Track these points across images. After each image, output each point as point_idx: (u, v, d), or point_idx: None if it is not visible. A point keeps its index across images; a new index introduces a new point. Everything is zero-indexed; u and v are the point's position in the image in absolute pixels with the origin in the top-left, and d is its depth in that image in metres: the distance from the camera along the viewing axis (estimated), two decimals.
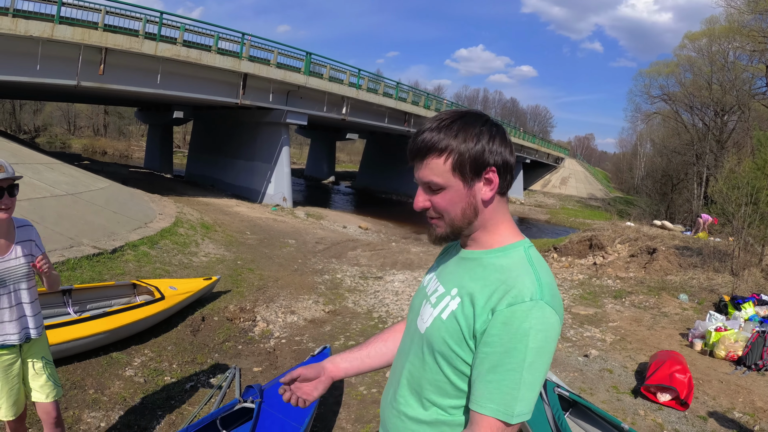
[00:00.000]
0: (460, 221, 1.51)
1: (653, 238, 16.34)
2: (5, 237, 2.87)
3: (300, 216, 20.52)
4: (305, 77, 23.20)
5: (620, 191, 70.02)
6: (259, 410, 3.58)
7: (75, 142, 53.50)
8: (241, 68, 20.40)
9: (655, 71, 43.76)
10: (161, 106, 30.30)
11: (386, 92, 30.07)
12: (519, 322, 1.34)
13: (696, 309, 9.91)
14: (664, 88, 42.32)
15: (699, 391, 6.01)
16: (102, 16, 16.61)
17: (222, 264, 10.18)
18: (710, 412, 5.51)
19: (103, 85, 17.26)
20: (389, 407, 1.67)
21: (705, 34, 36.80)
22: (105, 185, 13.28)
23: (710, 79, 35.93)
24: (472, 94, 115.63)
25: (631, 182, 65.44)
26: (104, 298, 6.40)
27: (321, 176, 48.07)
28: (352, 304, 8.92)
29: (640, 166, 62.25)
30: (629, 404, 5.60)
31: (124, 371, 5.23)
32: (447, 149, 1.44)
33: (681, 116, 40.94)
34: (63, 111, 59.32)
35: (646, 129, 56.44)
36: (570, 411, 4.64)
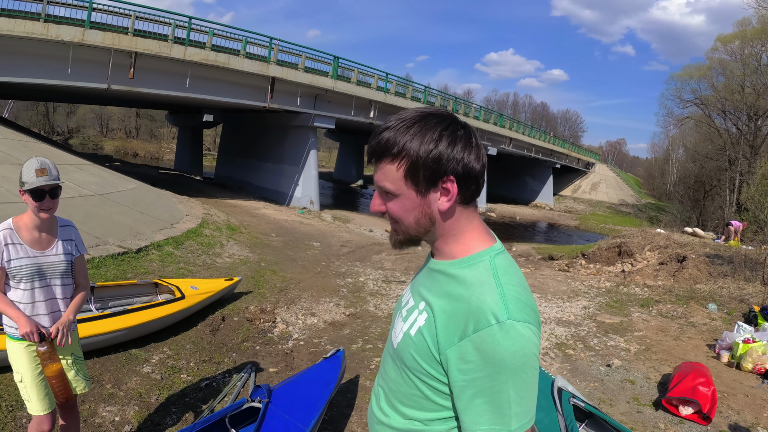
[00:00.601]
0: (414, 230, 1.43)
1: (683, 245, 16.04)
2: (48, 233, 3.04)
3: (326, 219, 20.58)
4: (333, 81, 23.31)
5: (652, 197, 68.92)
6: (266, 410, 3.58)
7: (107, 144, 54.61)
8: (269, 72, 20.59)
9: (687, 75, 42.97)
10: (191, 109, 30.74)
11: (414, 96, 30.07)
12: (491, 348, 1.27)
13: (725, 319, 9.67)
14: (696, 92, 41.53)
15: (723, 404, 5.84)
16: (132, 21, 16.94)
17: (245, 265, 10.25)
18: (733, 427, 5.35)
19: (133, 88, 17.58)
20: (373, 416, 1.64)
21: (737, 36, 36.11)
22: (133, 186, 13.47)
23: (743, 83, 35.20)
24: (501, 99, 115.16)
25: (662, 188, 64.36)
26: (126, 296, 6.49)
27: (349, 180, 48.22)
28: (373, 307, 8.90)
29: (672, 171, 61.26)
30: (649, 417, 5.46)
31: (141, 368, 5.28)
32: (400, 154, 1.34)
33: (714, 120, 40.14)
34: (95, 113, 60.61)
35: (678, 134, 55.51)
36: (586, 423, 4.55)
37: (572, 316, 9.35)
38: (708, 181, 41.06)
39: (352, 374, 5.83)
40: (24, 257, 2.91)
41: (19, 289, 2.93)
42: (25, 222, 2.96)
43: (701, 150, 42.50)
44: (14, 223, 2.94)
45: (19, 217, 2.97)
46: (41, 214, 2.91)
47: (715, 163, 39.19)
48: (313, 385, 4.14)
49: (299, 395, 3.91)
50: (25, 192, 2.87)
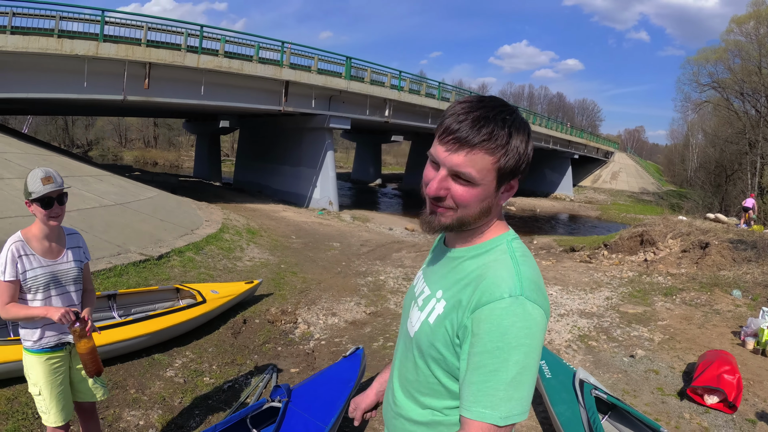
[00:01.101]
0: (473, 217, 1.44)
1: (706, 232, 15.84)
2: (57, 242, 3.09)
3: (346, 219, 20.63)
4: (346, 82, 23.36)
5: (673, 184, 68.09)
6: (285, 409, 3.61)
7: (126, 154, 55.35)
8: (283, 76, 20.71)
9: (702, 58, 42.33)
10: (208, 117, 31.00)
11: (429, 93, 30.03)
12: (499, 320, 1.30)
13: (750, 305, 9.53)
14: (713, 75, 40.91)
15: (749, 392, 5.76)
16: (144, 33, 17.16)
17: (266, 268, 10.31)
18: (760, 415, 5.27)
19: (149, 98, 17.79)
20: (388, 409, 1.66)
21: (752, 16, 35.53)
22: (153, 194, 13.63)
23: (759, 64, 34.63)
24: (517, 91, 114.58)
25: (683, 175, 63.46)
26: (148, 302, 6.58)
27: (368, 179, 48.27)
28: (393, 305, 8.90)
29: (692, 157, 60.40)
30: (674, 407, 5.41)
31: (164, 372, 5.35)
32: (500, 149, 1.35)
33: (732, 104, 39.52)
34: (114, 125, 61.47)
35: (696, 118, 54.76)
36: (609, 414, 4.51)
37: (595, 307, 9.28)
38: (729, 165, 40.46)
39: (372, 372, 5.82)
40: (38, 267, 2.94)
41: (37, 300, 2.95)
42: (33, 233, 2.99)
43: (721, 134, 41.90)
44: (23, 235, 2.97)
45: (27, 228, 3.01)
46: (50, 222, 2.95)
47: (735, 146, 38.62)
48: (332, 383, 4.16)
49: (319, 394, 3.94)
50: (32, 202, 2.90)
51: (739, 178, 37.17)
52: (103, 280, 7.24)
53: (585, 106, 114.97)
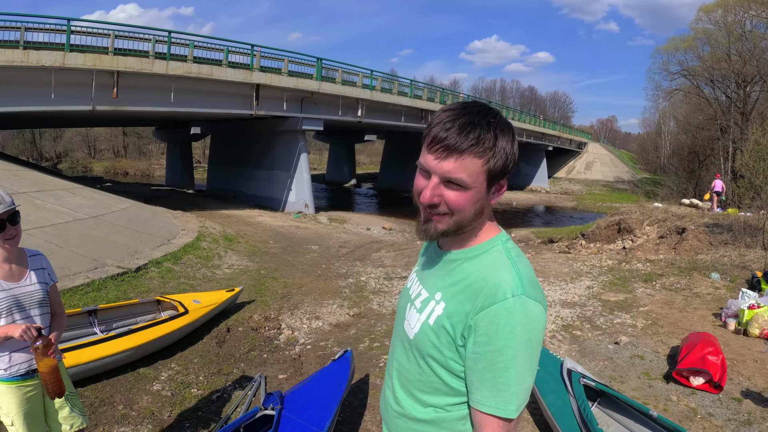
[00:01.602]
0: (467, 221, 1.47)
1: (682, 217, 16.07)
2: (18, 264, 2.95)
3: (323, 221, 20.56)
4: (318, 83, 23.27)
5: (647, 172, 68.97)
6: (280, 416, 3.58)
7: (96, 166, 54.63)
8: (253, 79, 20.52)
9: (672, 47, 42.94)
10: (178, 124, 30.71)
11: (401, 91, 30.05)
12: (505, 320, 1.35)
13: (729, 287, 9.70)
14: (683, 64, 41.49)
15: (733, 372, 5.85)
16: (111, 41, 16.88)
17: (245, 274, 10.23)
18: (745, 393, 5.36)
19: (118, 108, 17.51)
20: (389, 409, 1.67)
21: (720, 5, 36.05)
22: (127, 205, 13.44)
23: (728, 51, 35.17)
24: (488, 86, 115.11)
25: (657, 162, 64.34)
26: (129, 316, 6.48)
27: (342, 180, 48.21)
28: (377, 305, 8.89)
29: (665, 144, 61.27)
30: (661, 390, 5.48)
31: (151, 386, 5.27)
32: (489, 151, 1.39)
33: (702, 90, 40.13)
34: (82, 136, 60.65)
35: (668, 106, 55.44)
36: (598, 401, 4.55)
37: (576, 297, 9.36)
38: (701, 151, 41.07)
39: (361, 374, 5.83)
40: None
41: None
42: None
43: (692, 121, 42.51)
44: None
45: None
46: (6, 244, 2.83)
47: (707, 132, 39.22)
48: (324, 387, 4.14)
49: (311, 399, 3.91)
50: None
51: (712, 163, 37.73)
52: (82, 296, 7.11)
53: (557, 98, 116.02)
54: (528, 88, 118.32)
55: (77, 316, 5.84)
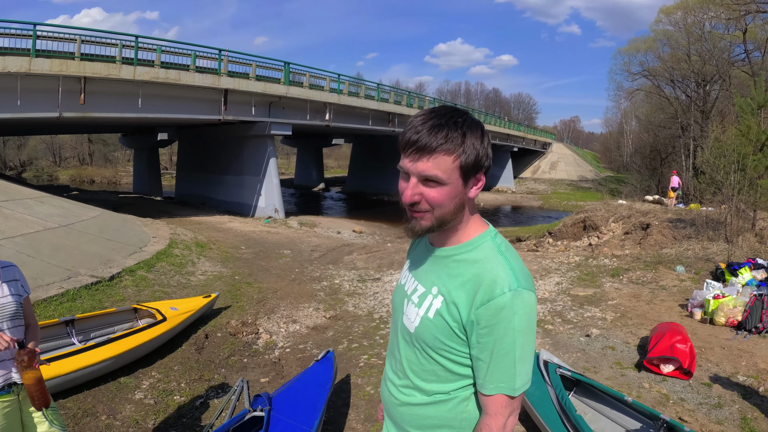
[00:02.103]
0: (449, 215, 1.58)
1: (646, 213, 16.47)
2: None
3: (293, 226, 20.54)
4: (285, 87, 23.23)
5: (610, 170, 70.23)
6: (269, 417, 3.64)
7: (62, 174, 53.47)
8: (221, 84, 20.40)
9: (633, 48, 43.94)
10: (145, 130, 30.31)
11: (368, 94, 30.14)
12: (505, 312, 1.48)
13: (693, 279, 10.01)
14: (643, 64, 42.50)
15: (702, 358, 6.09)
16: (78, 46, 16.59)
17: (220, 281, 10.21)
18: (714, 378, 5.59)
19: (85, 114, 17.24)
20: (392, 401, 1.77)
21: (679, 6, 36.93)
22: (96, 214, 13.28)
23: (688, 51, 36.08)
24: (453, 88, 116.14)
25: (620, 160, 65.67)
26: (107, 325, 6.44)
27: (311, 184, 48.12)
28: (352, 307, 8.97)
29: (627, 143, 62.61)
30: (633, 378, 5.67)
31: (133, 395, 5.27)
32: (458, 148, 1.50)
33: (663, 90, 41.13)
34: (47, 144, 59.33)
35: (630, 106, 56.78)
36: (574, 390, 4.71)
37: (547, 293, 9.56)
38: (663, 149, 42.07)
39: (343, 374, 5.91)
40: None
41: None
42: None
43: (654, 120, 43.51)
44: None
45: None
46: None
47: (668, 131, 40.17)
48: (310, 387, 4.21)
49: (299, 399, 3.98)
50: None
51: (674, 160, 38.65)
52: (57, 306, 7.04)
53: (521, 100, 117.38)
54: (492, 90, 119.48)
55: (54, 327, 5.78)
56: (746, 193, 12.14)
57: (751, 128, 12.07)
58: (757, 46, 32.30)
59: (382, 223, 25.39)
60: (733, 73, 33.12)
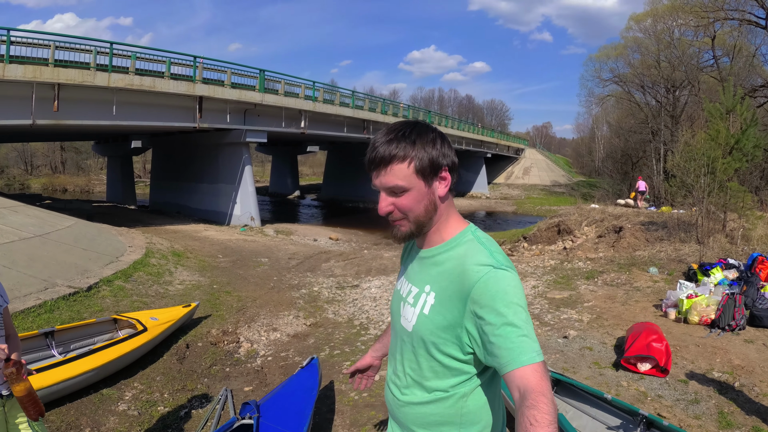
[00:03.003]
0: (423, 217, 1.69)
1: (618, 217, 16.74)
2: None
3: (269, 234, 20.48)
4: (261, 95, 23.20)
5: (583, 175, 71.07)
6: (258, 425, 3.66)
7: (34, 182, 52.59)
8: (196, 91, 20.31)
9: (604, 55, 44.75)
10: (118, 137, 30.06)
11: (343, 102, 30.21)
12: (494, 286, 1.54)
13: (667, 280, 10.21)
14: (614, 71, 43.30)
15: (677, 356, 6.23)
16: (52, 52, 16.39)
17: (198, 290, 10.17)
18: (690, 375, 5.74)
19: (59, 121, 17.04)
20: (395, 402, 1.84)
21: (649, 14, 37.64)
22: (71, 223, 13.11)
23: (658, 58, 36.79)
24: (427, 95, 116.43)
25: (592, 165, 66.59)
26: (87, 336, 6.37)
27: (286, 192, 47.99)
28: (332, 314, 9.00)
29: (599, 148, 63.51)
30: (612, 377, 5.79)
31: (117, 406, 5.24)
32: (409, 155, 1.62)
33: (633, 96, 41.90)
34: (18, 151, 58.41)
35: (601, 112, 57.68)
36: (555, 390, 4.80)
37: None
38: (634, 153, 42.79)
39: (326, 381, 5.94)
40: None
41: None
42: None
43: (625, 125, 44.28)
44: None
45: None
46: None
47: (639, 136, 40.88)
48: (297, 394, 4.24)
49: (286, 406, 4.01)
50: None
51: (645, 164, 39.31)
52: (35, 318, 6.96)
53: (494, 106, 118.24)
54: (465, 97, 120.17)
55: (34, 339, 5.70)
56: (716, 196, 12.43)
57: (720, 132, 12.37)
58: (725, 52, 33.04)
59: (358, 230, 25.43)
60: (702, 79, 33.84)
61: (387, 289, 10.68)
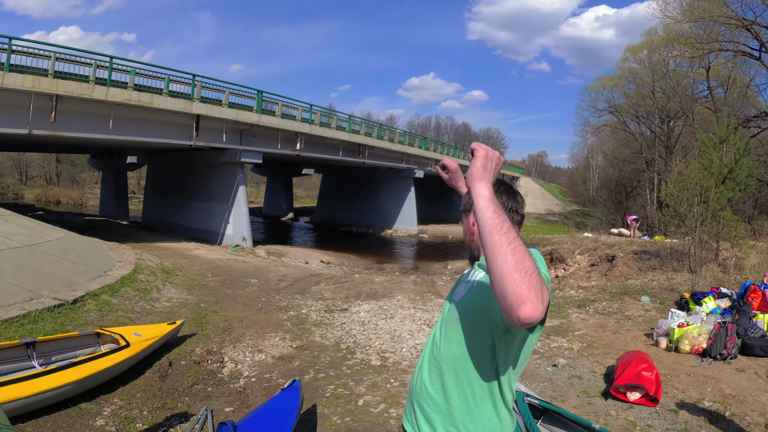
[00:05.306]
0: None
1: (611, 245, 16.70)
2: None
3: (261, 255, 20.36)
4: (258, 115, 23.22)
5: (576, 204, 71.41)
6: None
7: (27, 193, 52.34)
8: (194, 110, 20.29)
9: (600, 85, 45.19)
10: (114, 152, 29.93)
11: (339, 125, 30.25)
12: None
13: (658, 309, 10.16)
14: (610, 101, 43.66)
15: (668, 386, 6.16)
16: (52, 63, 16.36)
17: (185, 308, 10.05)
18: (680, 405, 5.67)
19: (55, 132, 16.94)
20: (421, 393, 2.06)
21: (645, 45, 38.09)
22: (61, 235, 13.01)
23: (653, 88, 37.13)
24: (424, 122, 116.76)
25: (586, 194, 66.84)
26: (69, 349, 6.26)
27: (280, 213, 47.83)
28: (319, 337, 8.90)
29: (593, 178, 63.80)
30: (600, 406, 5.71)
31: (94, 421, 5.12)
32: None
33: (628, 126, 42.20)
34: (14, 161, 58.23)
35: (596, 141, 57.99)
36: (542, 419, 4.71)
37: None
38: (628, 183, 43.00)
39: (309, 404, 5.84)
40: None
41: None
42: None
43: (619, 155, 44.56)
44: None
45: None
46: None
47: (633, 165, 41.13)
48: (275, 416, 4.14)
49: (264, 427, 3.91)
50: None
51: (639, 194, 39.52)
52: (18, 328, 6.85)
53: (490, 135, 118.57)
54: (462, 124, 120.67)
55: (14, 349, 5.61)
56: (709, 225, 12.43)
57: (713, 162, 12.41)
58: (720, 83, 33.29)
59: (350, 254, 25.32)
60: (697, 110, 34.12)
61: (376, 313, 10.59)
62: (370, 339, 8.76)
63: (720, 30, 27.07)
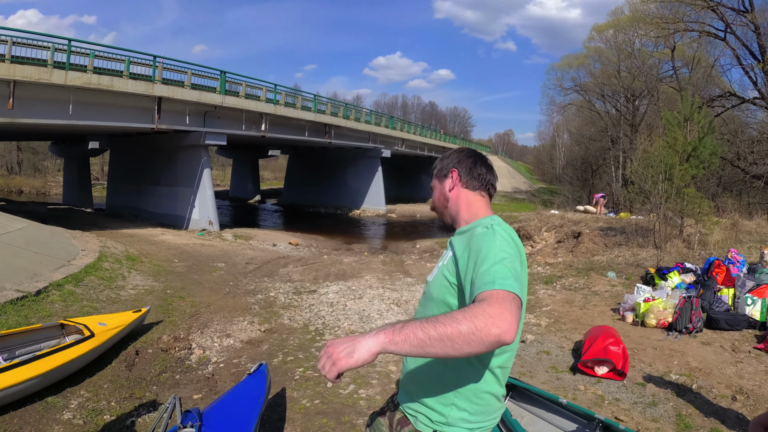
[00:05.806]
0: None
1: (577, 222, 16.92)
2: None
3: (228, 238, 20.15)
4: (221, 96, 22.88)
5: (543, 182, 72.15)
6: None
7: None
8: (155, 92, 19.87)
9: (566, 64, 45.56)
10: (76, 138, 29.27)
11: (305, 106, 30.02)
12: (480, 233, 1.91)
13: (624, 284, 10.33)
14: (575, 80, 44.08)
15: (635, 359, 6.27)
16: (9, 48, 15.83)
17: (151, 295, 9.90)
18: (647, 378, 5.77)
19: (14, 120, 16.46)
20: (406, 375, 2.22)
21: (611, 25, 38.47)
22: (23, 225, 12.71)
23: (619, 68, 37.61)
24: (390, 101, 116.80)
25: (552, 172, 67.57)
26: (32, 342, 6.10)
27: (247, 196, 47.43)
28: (287, 320, 8.84)
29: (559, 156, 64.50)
30: (569, 381, 5.79)
31: (61, 415, 5.01)
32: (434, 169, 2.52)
33: (594, 105, 42.72)
34: None
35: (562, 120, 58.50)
36: (510, 395, 4.76)
37: None
38: (594, 161, 43.58)
39: (278, 388, 5.80)
40: None
41: None
42: None
43: (585, 133, 45.12)
44: None
45: None
46: None
47: (599, 143, 41.70)
48: (242, 401, 4.09)
49: (230, 414, 3.86)
50: None
51: (604, 171, 40.10)
52: None
53: (457, 114, 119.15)
54: (429, 103, 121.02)
55: None
56: (673, 202, 12.63)
57: (677, 140, 12.57)
58: (684, 63, 33.78)
59: (318, 235, 25.23)
60: (662, 89, 34.61)
61: (344, 294, 10.58)
62: (339, 320, 8.74)
63: (686, 11, 27.40)
